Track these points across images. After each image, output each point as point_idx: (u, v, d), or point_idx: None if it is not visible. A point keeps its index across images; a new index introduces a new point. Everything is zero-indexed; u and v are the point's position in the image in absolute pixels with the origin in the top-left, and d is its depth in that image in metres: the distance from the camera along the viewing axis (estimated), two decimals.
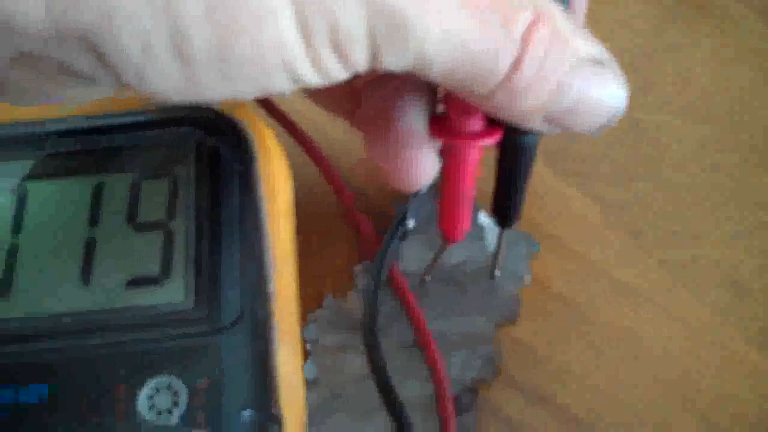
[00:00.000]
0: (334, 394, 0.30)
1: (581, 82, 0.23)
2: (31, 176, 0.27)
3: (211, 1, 0.18)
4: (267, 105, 0.34)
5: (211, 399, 0.24)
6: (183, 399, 0.24)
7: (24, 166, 0.27)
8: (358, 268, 0.33)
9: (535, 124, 0.24)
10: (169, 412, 0.23)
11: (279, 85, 0.20)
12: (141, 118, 0.27)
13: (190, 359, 0.24)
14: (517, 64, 0.21)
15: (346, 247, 0.34)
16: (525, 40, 0.21)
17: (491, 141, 0.26)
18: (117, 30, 0.18)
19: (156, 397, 0.24)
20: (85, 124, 0.27)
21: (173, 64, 0.19)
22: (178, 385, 0.24)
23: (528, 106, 0.23)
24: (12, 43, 0.19)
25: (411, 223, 0.33)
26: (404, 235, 0.33)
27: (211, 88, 0.20)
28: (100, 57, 0.19)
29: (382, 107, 0.27)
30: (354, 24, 0.19)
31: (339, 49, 0.20)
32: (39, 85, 0.21)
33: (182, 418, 0.23)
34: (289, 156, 0.29)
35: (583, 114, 0.24)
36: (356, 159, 0.35)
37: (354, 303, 0.32)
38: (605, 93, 0.24)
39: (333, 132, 0.36)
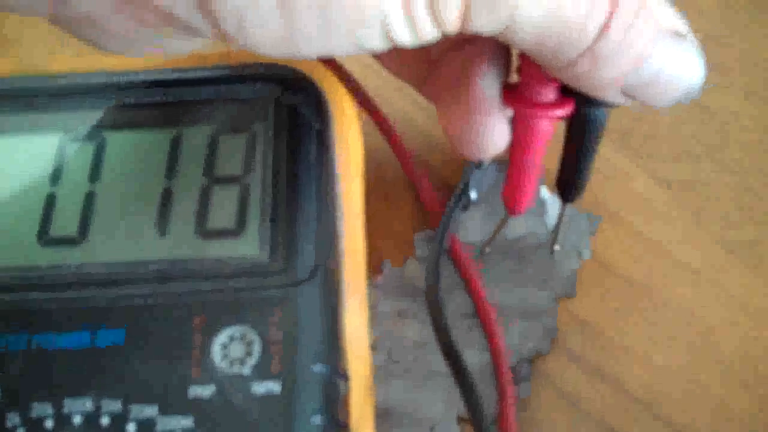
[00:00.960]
0: (392, 359, 0.31)
1: (662, 54, 0.23)
2: (111, 125, 0.27)
3: None
4: (336, 69, 0.34)
5: (284, 351, 0.24)
6: (256, 349, 0.24)
7: (103, 115, 0.28)
8: (418, 236, 0.33)
9: (611, 95, 0.24)
10: (242, 362, 0.24)
11: (374, 42, 0.21)
12: (220, 72, 0.28)
13: (264, 311, 0.24)
14: (604, 29, 0.21)
15: (407, 214, 0.34)
16: (612, 5, 0.21)
17: (563, 112, 0.26)
18: None
19: (230, 347, 0.24)
20: (165, 76, 0.28)
21: (274, 11, 0.19)
22: (252, 335, 0.24)
23: (608, 75, 0.23)
24: None
25: (473, 194, 0.33)
26: (466, 206, 0.33)
27: (308, 41, 0.20)
28: (204, 3, 0.19)
29: (457, 73, 0.27)
30: None
31: (434, 7, 0.20)
32: (137, 31, 0.21)
33: (255, 368, 0.24)
34: None
35: (660, 87, 0.24)
36: (421, 129, 0.36)
37: (413, 270, 0.32)
38: (684, 67, 0.24)
39: (399, 102, 0.36)
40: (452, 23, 0.21)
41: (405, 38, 0.21)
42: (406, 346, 0.31)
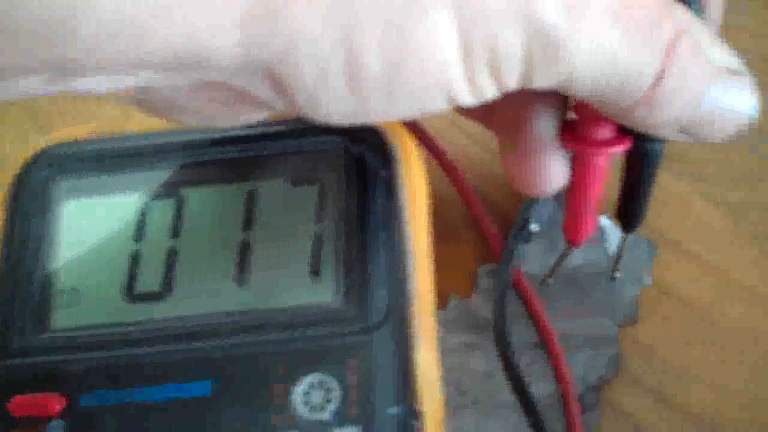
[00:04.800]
0: (460, 392, 0.32)
1: (717, 93, 0.23)
2: (188, 182, 0.29)
3: (386, 25, 0.20)
4: None
5: (362, 396, 0.25)
6: (336, 395, 0.25)
7: (181, 172, 0.29)
8: (481, 269, 0.34)
9: (668, 133, 0.24)
10: (323, 408, 0.25)
11: (436, 105, 0.22)
12: (290, 126, 0.29)
13: (341, 357, 0.26)
14: (659, 77, 0.22)
15: (468, 247, 0.35)
16: (668, 54, 0.22)
17: (621, 148, 0.27)
18: (298, 58, 0.20)
19: (311, 393, 0.25)
20: (237, 132, 0.29)
21: (345, 88, 0.20)
22: (331, 381, 0.25)
23: (665, 117, 0.23)
24: (201, 72, 0.20)
25: (534, 226, 0.33)
26: (528, 238, 0.34)
27: (375, 111, 0.21)
28: (278, 83, 0.21)
29: (515, 114, 0.27)
30: (512, 44, 0.20)
31: (495, 70, 0.21)
32: (214, 110, 0.23)
33: (335, 413, 0.25)
34: None
35: (718, 124, 0.24)
36: (477, 162, 0.36)
37: (479, 304, 0.33)
38: (740, 102, 0.24)
39: (455, 136, 0.37)
40: (513, 83, 0.22)
41: (467, 100, 0.22)
42: (474, 377, 0.32)
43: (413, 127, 0.35)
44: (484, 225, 0.34)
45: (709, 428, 0.30)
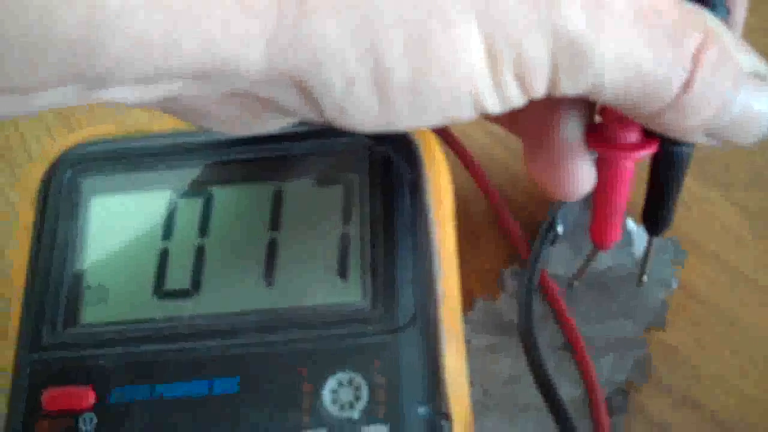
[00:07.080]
0: (486, 393, 0.32)
1: (744, 97, 0.23)
2: (215, 181, 0.29)
3: (411, 37, 0.20)
4: None
5: (390, 395, 0.25)
6: (364, 394, 0.25)
7: (208, 171, 0.29)
8: (506, 271, 0.34)
9: (696, 138, 0.24)
10: (351, 406, 0.25)
11: (463, 113, 0.22)
12: (315, 127, 0.29)
13: (369, 356, 0.26)
14: (687, 85, 0.22)
15: (494, 250, 0.35)
16: (695, 61, 0.22)
17: (648, 152, 0.27)
18: (325, 70, 0.20)
19: (339, 392, 0.25)
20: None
21: (372, 97, 0.21)
22: (359, 380, 0.25)
23: (693, 123, 0.23)
24: (228, 82, 0.20)
25: (560, 229, 0.33)
26: (554, 240, 0.34)
27: (402, 119, 0.21)
28: (306, 93, 0.21)
29: (540, 118, 0.27)
30: (538, 54, 0.21)
31: (522, 78, 0.21)
32: (242, 117, 0.23)
33: (363, 411, 0.25)
34: None
35: (745, 127, 0.24)
36: (500, 162, 0.37)
37: (504, 305, 0.33)
38: (766, 107, 0.24)
39: (478, 135, 0.37)
40: (540, 90, 0.22)
41: (494, 108, 0.22)
42: (499, 380, 0.32)
43: (440, 129, 0.35)
44: (509, 226, 0.34)
45: None
